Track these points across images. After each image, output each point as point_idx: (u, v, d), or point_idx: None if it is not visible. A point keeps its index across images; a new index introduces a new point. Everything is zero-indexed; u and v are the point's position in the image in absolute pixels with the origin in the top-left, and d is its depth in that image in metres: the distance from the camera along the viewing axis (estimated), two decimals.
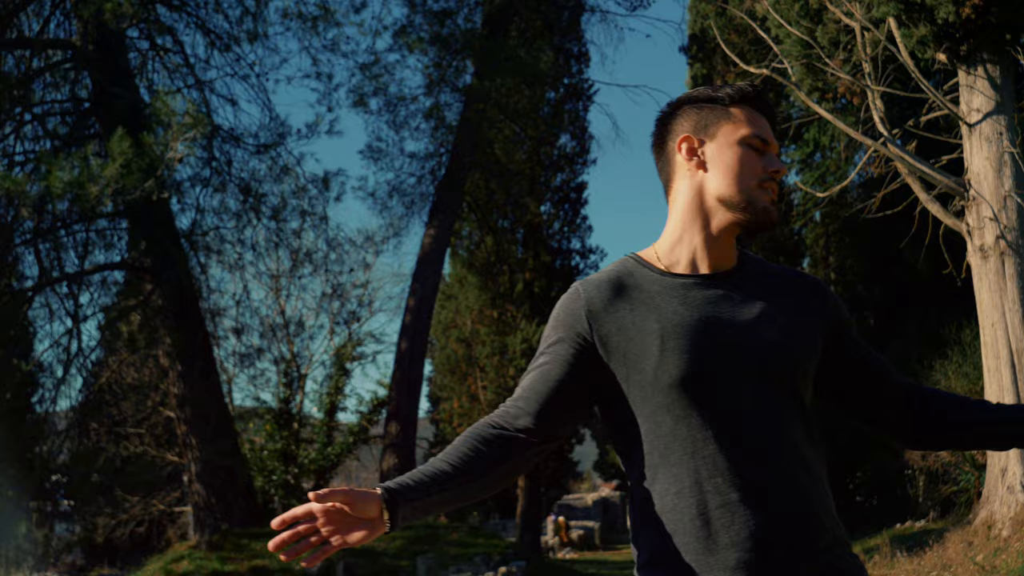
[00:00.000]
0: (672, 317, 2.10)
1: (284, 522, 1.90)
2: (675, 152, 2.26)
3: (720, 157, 2.19)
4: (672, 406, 2.05)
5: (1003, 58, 12.31)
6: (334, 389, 25.95)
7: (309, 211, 21.88)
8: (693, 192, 2.22)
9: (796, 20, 13.90)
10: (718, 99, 2.24)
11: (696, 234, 2.20)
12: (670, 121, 2.29)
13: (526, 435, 2.16)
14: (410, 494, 1.99)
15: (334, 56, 22.00)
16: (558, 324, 2.20)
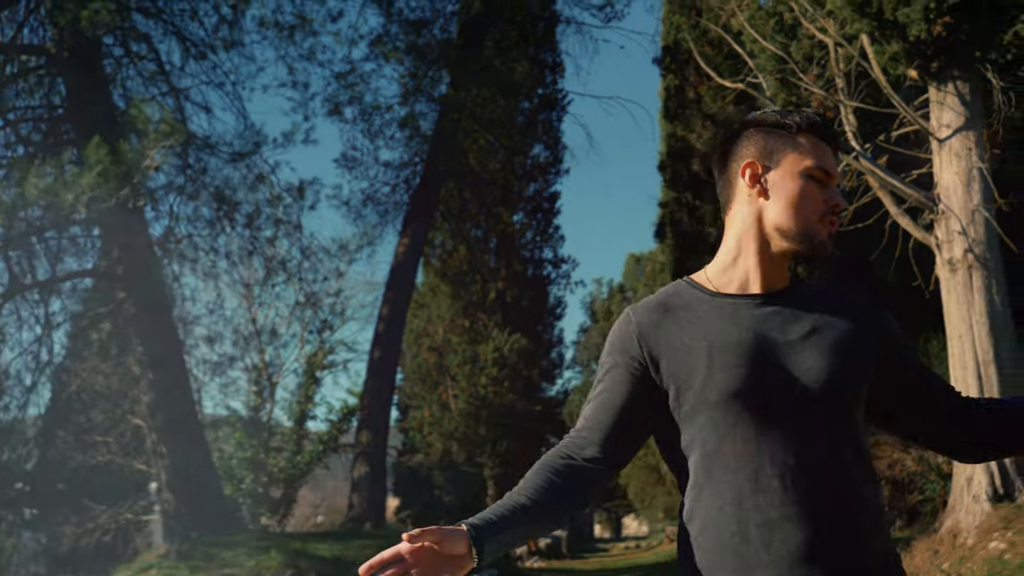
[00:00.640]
0: (720, 335, 2.12)
1: (373, 567, 1.95)
2: (737, 175, 2.26)
3: (782, 187, 2.19)
4: (718, 423, 2.07)
5: (973, 75, 12.48)
6: (304, 397, 25.87)
7: (284, 219, 21.91)
8: (752, 218, 2.22)
9: (771, 35, 14.05)
10: (786, 126, 2.23)
11: (751, 256, 2.21)
12: (736, 142, 2.29)
13: (594, 464, 2.21)
14: (494, 529, 2.04)
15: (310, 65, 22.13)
16: (612, 350, 2.23)
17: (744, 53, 14.45)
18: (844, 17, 12.35)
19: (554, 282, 31.02)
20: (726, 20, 15.26)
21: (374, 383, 23.35)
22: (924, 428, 2.27)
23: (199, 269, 21.26)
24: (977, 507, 11.70)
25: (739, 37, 14.90)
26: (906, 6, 11.64)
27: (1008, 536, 11.02)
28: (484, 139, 26.54)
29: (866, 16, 12.03)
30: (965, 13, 11.59)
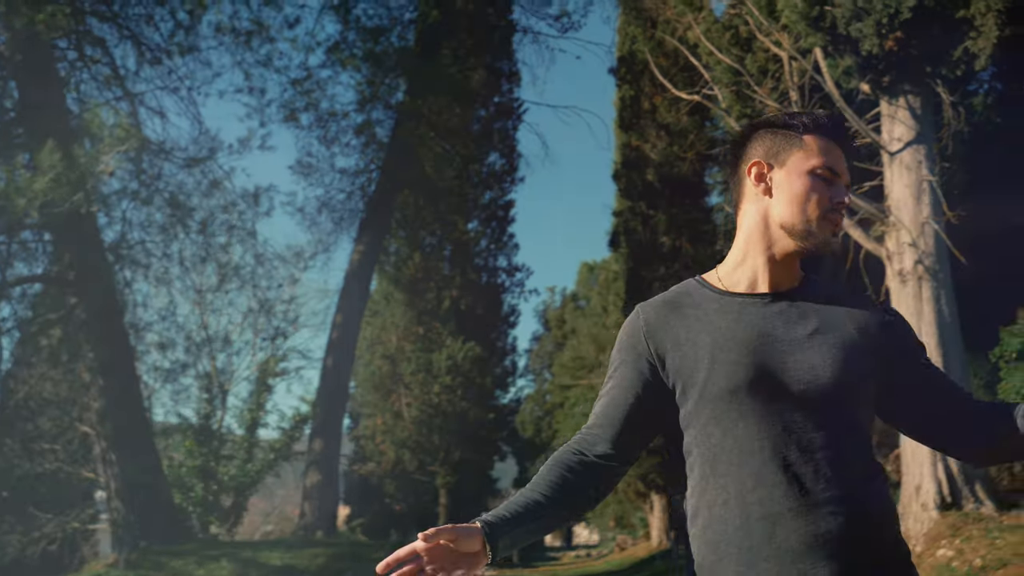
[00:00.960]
0: (725, 332, 2.15)
1: (389, 565, 1.95)
2: (745, 175, 2.29)
3: (787, 185, 2.22)
4: (720, 418, 2.10)
5: (923, 90, 12.66)
6: (256, 405, 25.77)
7: (238, 226, 21.80)
8: (759, 216, 2.25)
9: (726, 48, 14.19)
10: (793, 126, 2.26)
11: (758, 256, 2.24)
12: (745, 144, 2.32)
13: (606, 460, 2.24)
14: (507, 526, 2.06)
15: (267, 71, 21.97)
16: (622, 347, 2.27)
17: (700, 65, 14.58)
18: (798, 31, 12.50)
19: (508, 290, 31.07)
20: (682, 33, 15.39)
21: (327, 391, 23.28)
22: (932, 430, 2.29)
23: (151, 275, 21.13)
24: (925, 515, 11.85)
25: (695, 49, 15.04)
26: (859, 21, 11.79)
27: (956, 544, 11.17)
28: (440, 147, 26.53)
29: (820, 30, 12.18)
30: (917, 29, 11.77)
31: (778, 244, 2.23)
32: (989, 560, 10.27)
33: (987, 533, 11.12)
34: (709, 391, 2.11)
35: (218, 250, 22.76)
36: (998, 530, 11.17)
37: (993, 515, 11.93)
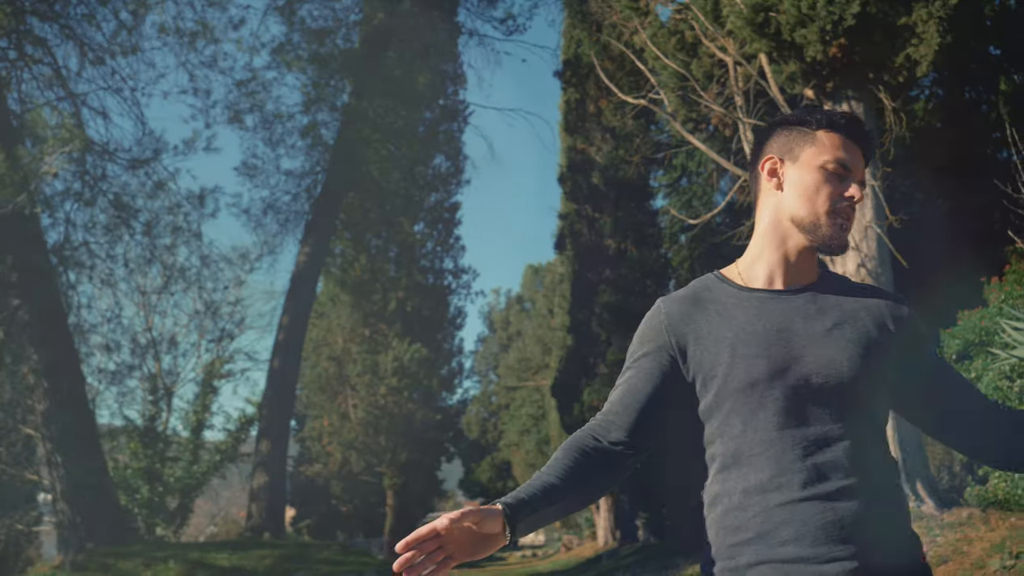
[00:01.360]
0: (745, 326, 2.21)
1: (409, 543, 1.96)
2: (760, 171, 2.37)
3: (798, 180, 2.28)
4: (741, 410, 2.16)
5: (866, 95, 12.89)
6: (201, 407, 25.65)
7: (183, 227, 21.69)
8: (772, 212, 2.32)
9: (672, 53, 14.34)
10: (807, 122, 2.31)
11: (773, 251, 2.30)
12: (763, 141, 2.39)
13: (621, 447, 2.26)
14: (527, 508, 2.08)
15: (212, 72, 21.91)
16: (643, 340, 2.30)
17: (646, 70, 14.71)
18: (743, 37, 12.66)
19: (454, 292, 31.14)
20: (628, 37, 15.53)
21: (273, 392, 23.22)
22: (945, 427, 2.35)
23: (96, 277, 20.96)
24: None
25: (641, 54, 15.18)
26: (803, 28, 11.98)
27: None
28: (385, 149, 26.56)
29: (765, 36, 12.35)
30: (860, 36, 11.98)
31: (791, 239, 2.30)
32: (930, 557, 10.49)
33: (928, 531, 11.35)
34: (730, 384, 2.16)
35: (163, 252, 22.64)
36: (938, 528, 11.40)
37: (934, 513, 12.18)
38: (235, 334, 28.47)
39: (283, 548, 20.39)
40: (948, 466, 15.75)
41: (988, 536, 10.18)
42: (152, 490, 23.40)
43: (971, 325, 11.92)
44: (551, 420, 33.60)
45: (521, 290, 58.91)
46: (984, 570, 8.94)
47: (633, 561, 23.63)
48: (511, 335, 56.70)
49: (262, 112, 23.59)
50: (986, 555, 9.34)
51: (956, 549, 10.40)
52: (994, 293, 11.98)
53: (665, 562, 19.93)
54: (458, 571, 37.05)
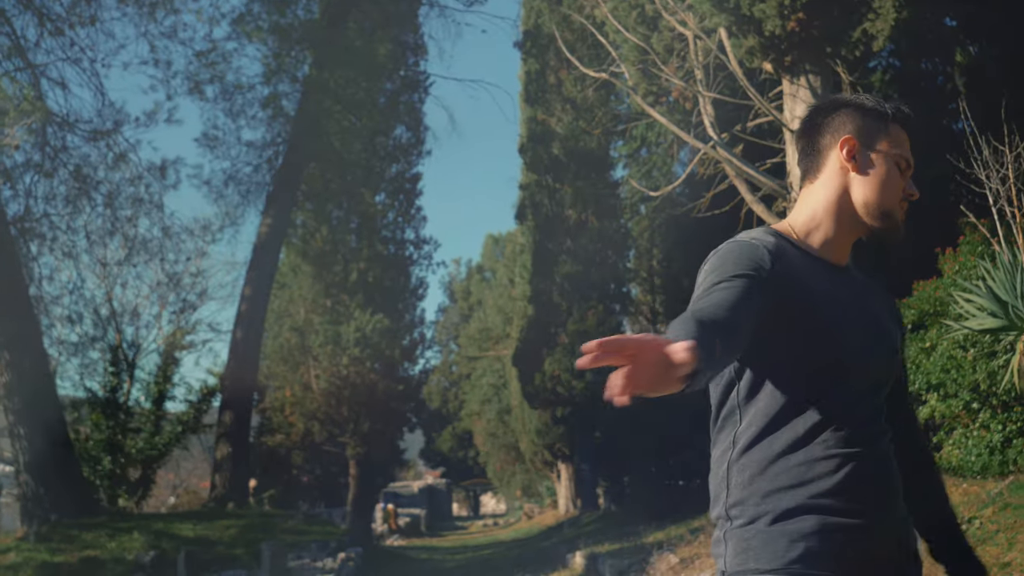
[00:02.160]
0: (828, 294, 2.25)
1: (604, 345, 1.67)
2: (833, 147, 2.37)
3: (875, 167, 2.34)
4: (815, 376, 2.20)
5: (824, 70, 13.06)
6: (162, 378, 25.65)
7: (145, 199, 21.63)
8: (841, 190, 2.35)
9: (633, 26, 14.46)
10: (883, 114, 2.37)
11: (833, 226, 2.35)
12: (831, 116, 2.41)
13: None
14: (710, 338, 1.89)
15: (172, 43, 21.76)
16: (740, 264, 2.17)
17: (607, 43, 14.83)
18: (703, 11, 12.80)
19: (416, 263, 31.17)
20: (589, 11, 15.63)
21: (236, 363, 23.25)
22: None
23: (57, 249, 20.88)
24: None
25: (602, 27, 15.29)
26: (762, 2, 12.13)
27: None
28: (346, 120, 26.53)
29: (724, 11, 12.49)
30: (817, 10, 12.14)
31: (855, 220, 2.35)
32: None
33: None
34: (817, 349, 2.20)
35: (125, 223, 22.56)
36: None
37: None
38: (197, 305, 28.51)
39: (247, 518, 20.48)
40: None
41: None
42: (114, 461, 23.40)
43: (926, 295, 12.14)
44: (512, 389, 33.82)
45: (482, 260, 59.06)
46: None
47: (594, 529, 23.89)
48: (472, 305, 56.87)
49: (223, 83, 23.52)
50: None
51: None
52: (948, 263, 12.18)
53: (626, 529, 20.18)
54: (420, 539, 37.37)
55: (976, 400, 10.66)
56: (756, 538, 2.17)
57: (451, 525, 51.64)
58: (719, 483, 2.27)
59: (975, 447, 10.87)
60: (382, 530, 38.03)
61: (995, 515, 8.63)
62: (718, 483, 2.28)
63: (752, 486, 2.20)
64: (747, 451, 2.23)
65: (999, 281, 7.27)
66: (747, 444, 2.23)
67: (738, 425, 2.26)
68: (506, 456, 42.19)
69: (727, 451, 2.27)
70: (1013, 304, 7.09)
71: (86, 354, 26.35)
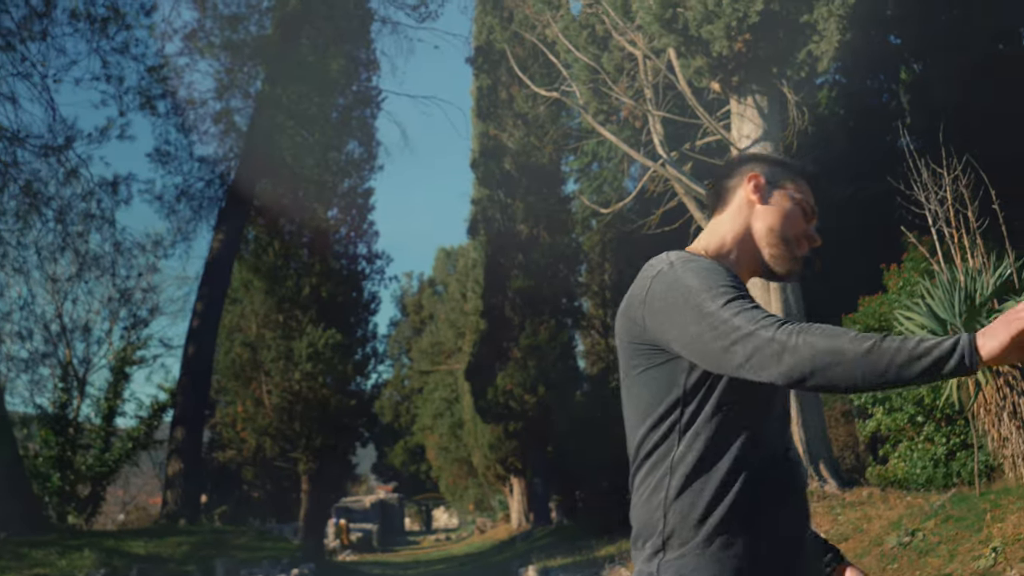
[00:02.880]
0: None
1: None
2: (741, 184, 2.49)
3: (778, 202, 2.45)
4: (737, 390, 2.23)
5: (770, 90, 13.32)
6: (113, 393, 25.51)
7: (97, 214, 21.53)
8: (746, 224, 2.46)
9: (583, 46, 14.65)
10: (791, 166, 2.52)
11: (741, 254, 2.45)
12: (745, 163, 2.55)
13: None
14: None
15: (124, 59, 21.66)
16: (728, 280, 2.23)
17: (558, 63, 15.02)
18: (652, 32, 13.01)
19: (368, 277, 31.15)
20: (541, 31, 15.81)
21: (188, 379, 23.16)
22: None
23: (7, 264, 20.73)
24: None
25: (553, 47, 15.48)
26: (710, 24, 12.35)
27: None
28: (299, 135, 26.55)
29: (673, 32, 12.71)
30: (764, 32, 12.38)
31: (752, 255, 2.45)
32: (832, 535, 10.92)
33: (830, 510, 11.81)
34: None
35: (76, 239, 22.42)
36: (840, 506, 11.87)
37: (836, 492, 12.67)
38: (148, 320, 28.38)
39: (199, 535, 20.39)
40: (852, 447, 16.27)
41: (887, 514, 10.61)
42: (64, 478, 23.25)
43: (871, 311, 12.38)
44: (464, 404, 33.87)
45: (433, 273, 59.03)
46: (882, 546, 9.34)
47: (547, 543, 24.00)
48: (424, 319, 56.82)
49: (175, 98, 23.46)
50: (884, 532, 9.75)
51: (856, 527, 10.82)
52: (893, 279, 12.43)
53: (579, 543, 20.32)
54: (371, 555, 37.30)
55: (921, 414, 10.90)
56: (696, 568, 2.19)
57: (403, 540, 51.56)
58: (653, 512, 2.27)
59: (920, 460, 11.10)
60: (334, 545, 37.93)
61: (937, 527, 8.83)
62: (652, 512, 2.27)
63: (692, 515, 2.21)
64: (687, 479, 2.23)
65: (938, 299, 7.48)
66: (687, 472, 2.24)
67: (675, 451, 2.26)
68: (458, 470, 42.18)
69: (664, 478, 2.26)
70: (952, 322, 7.30)
71: (36, 370, 26.18)
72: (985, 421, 7.87)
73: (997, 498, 8.49)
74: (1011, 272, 7.39)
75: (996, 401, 7.63)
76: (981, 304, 7.24)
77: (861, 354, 1.95)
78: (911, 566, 8.32)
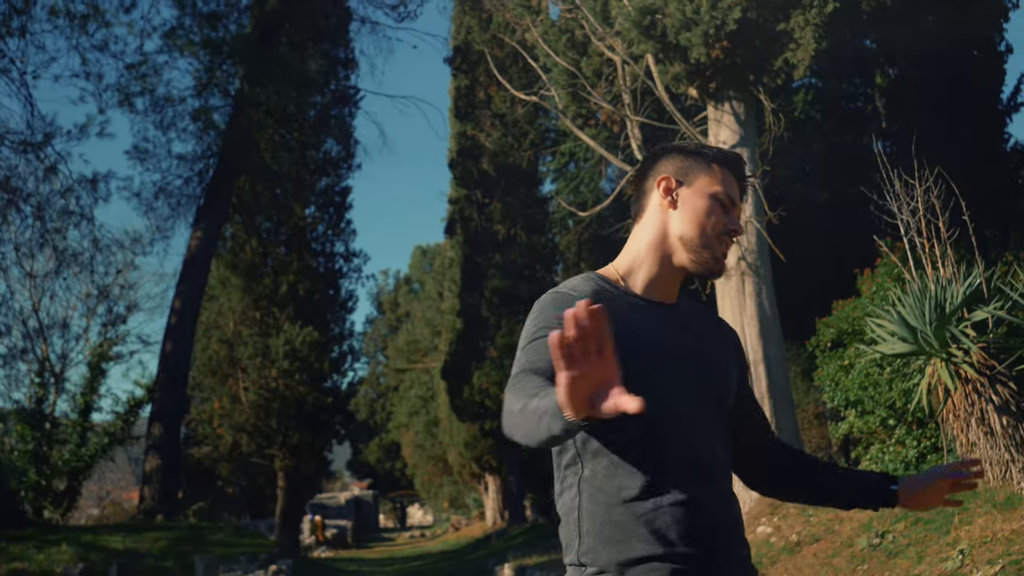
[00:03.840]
0: (637, 332, 2.27)
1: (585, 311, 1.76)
2: (653, 188, 2.43)
3: (691, 202, 2.39)
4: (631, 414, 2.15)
5: (747, 96, 13.47)
6: (89, 389, 25.51)
7: (75, 211, 21.55)
8: (660, 227, 2.41)
9: (563, 51, 14.78)
10: (703, 154, 2.44)
11: (654, 265, 2.40)
12: (656, 161, 2.48)
13: None
14: None
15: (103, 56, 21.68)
16: (550, 319, 2.26)
17: (537, 67, 15.15)
18: (631, 38, 13.14)
19: (346, 276, 31.25)
20: (520, 35, 15.94)
21: (166, 376, 23.20)
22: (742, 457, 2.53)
23: None
24: (747, 495, 12.62)
25: (532, 50, 15.61)
26: (688, 31, 12.49)
27: (774, 521, 12.01)
28: (277, 133, 26.62)
29: (651, 38, 12.84)
30: (741, 40, 12.53)
31: (674, 256, 2.40)
32: (804, 536, 11.09)
33: (802, 511, 11.97)
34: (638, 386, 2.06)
35: (54, 235, 22.45)
36: (812, 508, 12.03)
37: None
38: (125, 316, 28.38)
39: (177, 531, 20.46)
40: (825, 448, 16.45)
41: (858, 516, 10.77)
42: (40, 473, 23.24)
43: (844, 315, 12.56)
44: (440, 402, 33.95)
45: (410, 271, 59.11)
46: (853, 548, 9.49)
47: (522, 541, 24.12)
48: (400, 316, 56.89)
49: (153, 96, 23.48)
50: (855, 534, 9.91)
51: (828, 528, 10.98)
52: (866, 284, 12.59)
53: (554, 542, 20.42)
54: (346, 551, 37.36)
55: (892, 417, 11.08)
56: None
57: (378, 537, 51.59)
58: (571, 531, 2.29)
59: (891, 462, 11.27)
60: (309, 542, 37.97)
61: (907, 529, 9.00)
62: (569, 531, 2.30)
63: (602, 534, 2.22)
64: (594, 498, 2.25)
65: (909, 307, 7.65)
66: (593, 492, 2.25)
67: (581, 472, 2.28)
68: (434, 468, 42.26)
69: (575, 498, 2.28)
70: (922, 330, 7.48)
71: (13, 366, 26.16)
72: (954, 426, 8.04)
73: (965, 501, 8.67)
74: (980, 282, 7.56)
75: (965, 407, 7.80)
76: (951, 313, 7.42)
77: (517, 412, 2.01)
78: (880, 567, 8.49)
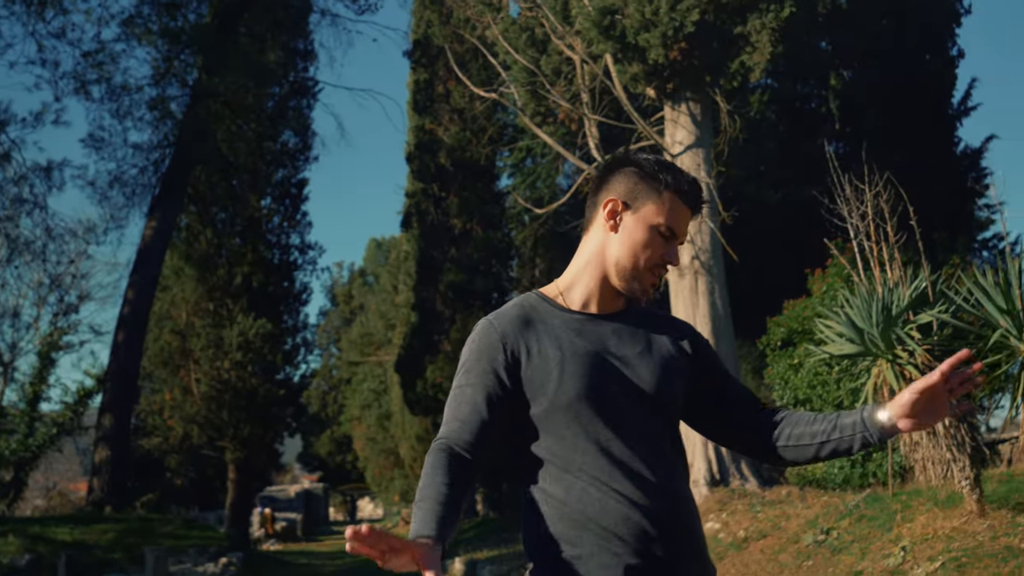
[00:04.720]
0: (570, 347, 2.39)
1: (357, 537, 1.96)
2: (600, 207, 2.49)
3: (632, 231, 2.46)
4: (571, 423, 2.34)
5: (704, 98, 13.64)
6: (38, 378, 25.34)
7: (29, 199, 21.37)
8: (600, 247, 2.49)
9: (523, 48, 14.87)
10: (658, 179, 2.46)
11: (592, 281, 2.49)
12: (610, 176, 2.53)
13: (475, 458, 2.37)
14: (449, 530, 2.21)
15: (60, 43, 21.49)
16: (480, 356, 2.43)
17: (497, 64, 15.23)
18: (591, 38, 13.26)
19: (300, 268, 31.17)
20: (481, 32, 16.01)
21: (118, 366, 23.05)
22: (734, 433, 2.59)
23: None
24: (696, 491, 12.79)
25: (492, 47, 15.68)
26: (647, 32, 12.63)
27: (723, 517, 12.18)
28: (234, 124, 26.50)
29: (610, 38, 12.97)
30: (699, 42, 12.69)
31: (608, 276, 2.48)
32: (751, 532, 11.26)
33: (750, 507, 12.16)
34: (559, 399, 2.34)
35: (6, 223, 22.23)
36: (760, 504, 12.21)
37: (756, 491, 13.03)
38: (77, 306, 28.19)
39: (126, 522, 20.35)
40: None
41: (804, 512, 10.95)
42: None
43: (795, 315, 12.74)
44: (393, 395, 33.92)
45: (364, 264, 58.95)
46: (799, 544, 9.65)
47: (473, 535, 24.17)
48: (354, 309, 56.72)
49: (110, 84, 23.29)
50: (801, 530, 10.08)
51: (775, 524, 11.15)
52: (817, 284, 12.77)
53: (505, 536, 20.54)
54: (295, 544, 37.29)
55: None
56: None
57: (328, 530, 51.47)
58: (525, 525, 2.43)
59: (838, 460, 11.47)
60: (259, 534, 37.87)
61: (851, 526, 9.17)
62: (524, 525, 2.44)
63: (554, 528, 2.33)
64: (545, 495, 2.37)
65: (857, 309, 7.79)
66: (544, 496, 2.37)
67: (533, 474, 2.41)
68: (385, 461, 42.16)
69: (531, 499, 2.41)
70: (868, 331, 7.62)
71: None
72: None
73: (908, 499, 8.85)
74: (926, 285, 7.72)
75: None
76: (897, 315, 7.57)
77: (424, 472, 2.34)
78: (825, 563, 8.65)
